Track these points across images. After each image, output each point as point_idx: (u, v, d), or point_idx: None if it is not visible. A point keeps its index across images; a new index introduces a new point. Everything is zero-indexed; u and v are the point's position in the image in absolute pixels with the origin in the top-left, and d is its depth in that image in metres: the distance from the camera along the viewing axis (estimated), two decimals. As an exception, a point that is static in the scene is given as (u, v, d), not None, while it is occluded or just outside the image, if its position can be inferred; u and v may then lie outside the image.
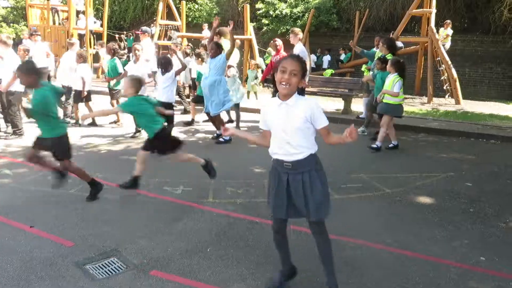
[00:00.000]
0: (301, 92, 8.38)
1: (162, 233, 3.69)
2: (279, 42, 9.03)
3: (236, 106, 8.09)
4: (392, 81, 6.76)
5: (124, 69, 7.94)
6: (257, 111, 9.57)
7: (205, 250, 3.40)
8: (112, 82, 8.29)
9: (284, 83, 2.49)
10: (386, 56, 7.62)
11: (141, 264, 3.15)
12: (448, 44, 13.53)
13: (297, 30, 8.54)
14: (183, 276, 3.01)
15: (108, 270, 3.06)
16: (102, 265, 3.12)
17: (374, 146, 6.71)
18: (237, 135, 2.97)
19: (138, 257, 3.25)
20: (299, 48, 8.36)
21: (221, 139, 7.15)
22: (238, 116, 8.17)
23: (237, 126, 8.02)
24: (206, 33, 16.68)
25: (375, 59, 7.86)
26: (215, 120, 7.17)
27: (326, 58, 18.02)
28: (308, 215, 2.64)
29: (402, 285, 3.01)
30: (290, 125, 2.55)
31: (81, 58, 8.13)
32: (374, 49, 9.00)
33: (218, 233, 3.71)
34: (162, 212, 4.14)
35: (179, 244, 3.49)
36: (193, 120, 8.74)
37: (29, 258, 3.16)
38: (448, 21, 13.73)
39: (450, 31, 13.35)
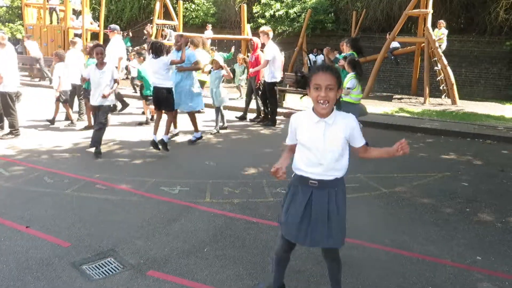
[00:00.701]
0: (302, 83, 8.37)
1: (159, 233, 3.68)
2: (255, 39, 8.99)
3: (217, 110, 7.88)
4: (349, 79, 6.57)
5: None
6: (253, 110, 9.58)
7: (202, 250, 3.40)
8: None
9: (321, 102, 2.27)
10: (350, 53, 7.41)
11: (138, 264, 3.14)
12: (444, 45, 13.55)
13: (267, 29, 8.50)
14: (180, 276, 3.01)
15: (105, 270, 3.04)
16: (99, 265, 3.11)
17: None
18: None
19: (135, 257, 3.24)
20: (271, 47, 8.37)
21: (192, 138, 7.04)
22: (217, 120, 7.89)
23: (216, 128, 7.86)
24: (209, 33, 16.68)
25: (340, 58, 7.60)
26: (193, 118, 7.06)
27: (320, 58, 18.02)
28: (326, 240, 2.40)
29: (399, 284, 3.02)
30: (327, 146, 2.32)
31: (58, 58, 8.07)
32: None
33: (215, 233, 3.71)
34: (159, 212, 4.13)
35: (176, 244, 3.48)
36: (147, 118, 8.59)
37: (25, 259, 3.14)
38: (441, 21, 13.75)
39: (444, 31, 13.38)
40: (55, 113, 8.21)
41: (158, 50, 6.30)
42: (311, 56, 18.10)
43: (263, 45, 8.67)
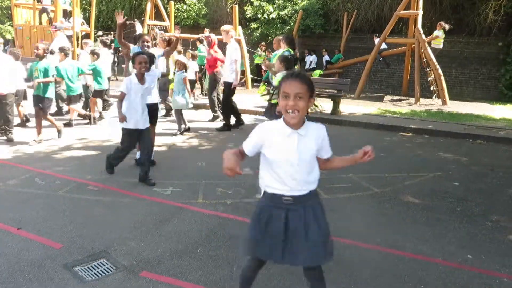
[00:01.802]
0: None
1: (152, 234, 3.67)
2: (213, 36, 8.83)
3: (177, 112, 7.76)
4: (279, 79, 6.55)
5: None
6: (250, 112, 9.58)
7: (196, 251, 3.39)
8: (35, 85, 6.73)
9: (290, 111, 2.09)
10: (286, 50, 7.30)
11: (131, 265, 3.13)
12: (440, 46, 13.57)
13: (228, 27, 8.44)
14: (173, 277, 3.00)
15: (98, 272, 3.03)
16: (92, 267, 3.09)
17: None
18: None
19: (127, 258, 3.23)
20: (233, 46, 8.30)
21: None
22: (179, 122, 7.79)
23: (179, 129, 7.77)
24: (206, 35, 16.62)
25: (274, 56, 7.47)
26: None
27: (309, 59, 18.08)
28: (305, 258, 2.23)
29: (391, 283, 3.04)
30: (302, 159, 2.16)
31: (14, 57, 7.97)
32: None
33: (208, 234, 3.71)
34: (151, 213, 4.12)
35: (169, 245, 3.47)
36: (94, 117, 8.46)
37: (16, 261, 3.12)
38: (441, 22, 13.74)
39: (439, 33, 13.47)
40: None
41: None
42: (313, 57, 18.13)
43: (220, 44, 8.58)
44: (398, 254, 3.48)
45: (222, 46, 8.62)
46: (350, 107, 11.72)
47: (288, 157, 2.15)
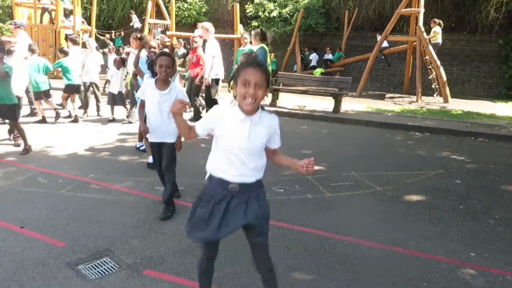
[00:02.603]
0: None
1: (155, 232, 3.68)
2: (197, 39, 8.73)
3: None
4: None
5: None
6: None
7: (198, 249, 3.36)
8: None
9: (249, 99, 2.11)
10: (260, 46, 7.30)
11: (134, 264, 3.14)
12: (439, 41, 13.56)
13: (208, 24, 8.37)
14: (177, 275, 3.01)
15: (101, 270, 3.04)
16: (95, 265, 3.10)
17: None
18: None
19: (131, 257, 3.24)
20: (212, 43, 8.21)
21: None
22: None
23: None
24: (198, 32, 16.64)
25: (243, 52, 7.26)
26: None
27: (313, 57, 18.08)
28: (255, 231, 2.27)
29: (394, 281, 3.04)
30: (251, 144, 2.18)
31: (31, 52, 8.05)
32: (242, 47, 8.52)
33: (211, 232, 3.70)
34: (154, 211, 4.12)
35: (172, 244, 3.48)
36: (43, 117, 8.37)
37: (20, 259, 3.12)
38: (435, 19, 13.81)
39: (437, 29, 13.47)
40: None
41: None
42: (314, 55, 18.11)
43: (204, 42, 8.51)
44: (400, 251, 3.48)
45: (224, 45, 8.55)
46: (352, 105, 11.71)
47: (239, 141, 2.18)
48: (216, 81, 8.39)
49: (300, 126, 8.94)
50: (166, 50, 6.86)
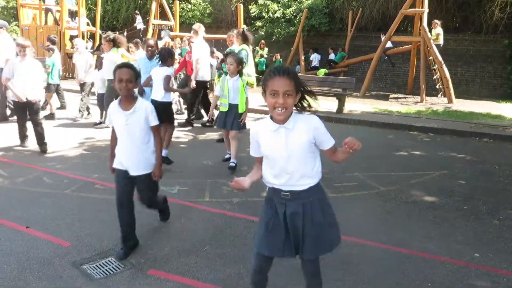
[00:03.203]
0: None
1: (159, 232, 3.70)
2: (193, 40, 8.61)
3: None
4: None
5: None
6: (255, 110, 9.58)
7: (203, 249, 3.41)
8: None
9: (279, 109, 2.07)
10: (241, 47, 7.23)
11: (138, 263, 3.15)
12: (441, 42, 13.57)
13: (196, 26, 8.29)
14: (181, 275, 3.02)
15: (106, 270, 3.05)
16: (100, 265, 3.12)
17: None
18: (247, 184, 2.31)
19: (135, 256, 3.25)
20: (197, 46, 8.13)
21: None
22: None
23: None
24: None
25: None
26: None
27: (314, 57, 18.06)
28: (302, 252, 2.25)
29: (398, 281, 3.04)
30: (292, 153, 2.15)
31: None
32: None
33: (215, 232, 3.72)
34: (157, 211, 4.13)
35: (177, 243, 3.49)
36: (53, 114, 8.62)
37: (26, 259, 3.15)
38: (436, 20, 13.78)
39: (440, 30, 13.44)
40: None
41: (164, 57, 5.64)
42: (317, 55, 18.10)
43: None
44: (404, 252, 3.48)
45: (227, 46, 8.50)
46: (356, 105, 11.71)
47: (278, 152, 2.17)
48: (202, 84, 8.24)
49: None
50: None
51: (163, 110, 5.44)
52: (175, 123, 6.42)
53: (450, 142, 7.93)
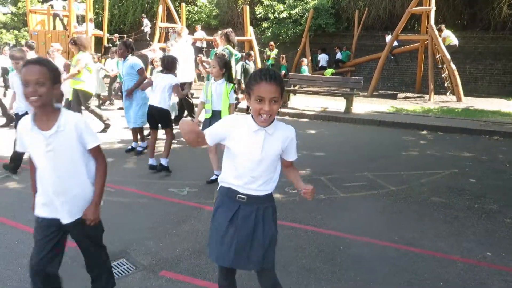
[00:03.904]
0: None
1: (170, 234, 3.72)
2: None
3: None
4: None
5: None
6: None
7: (213, 250, 3.42)
8: None
9: (265, 115, 1.99)
10: (224, 48, 7.19)
11: (150, 265, 3.18)
12: (455, 42, 13.36)
13: (178, 28, 8.36)
14: (192, 276, 3.03)
15: (118, 271, 3.08)
16: (112, 266, 3.13)
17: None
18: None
19: (146, 258, 3.28)
20: (177, 46, 8.13)
21: (138, 149, 6.45)
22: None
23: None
24: (200, 34, 16.76)
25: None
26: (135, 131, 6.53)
27: (322, 57, 18.03)
28: (248, 263, 2.15)
29: (410, 281, 3.03)
30: (265, 158, 2.09)
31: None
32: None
33: (225, 233, 3.73)
34: (168, 213, 4.16)
35: (187, 245, 3.51)
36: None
37: (39, 261, 3.18)
38: (440, 26, 13.46)
39: (446, 33, 13.30)
40: None
41: (168, 66, 5.61)
42: (324, 56, 18.08)
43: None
44: (416, 251, 3.47)
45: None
46: (363, 105, 11.67)
47: (251, 153, 2.08)
48: (182, 85, 7.99)
49: (312, 126, 8.93)
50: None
51: (160, 117, 5.51)
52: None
53: (460, 141, 7.88)
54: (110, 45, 17.61)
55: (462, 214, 4.29)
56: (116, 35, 20.05)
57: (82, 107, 7.44)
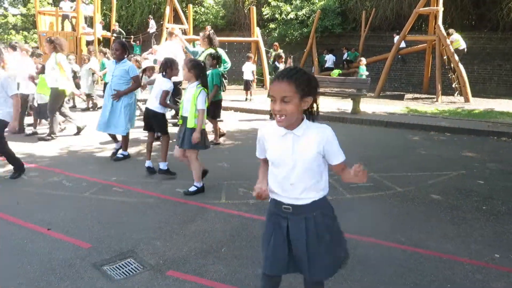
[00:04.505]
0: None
1: (177, 234, 3.74)
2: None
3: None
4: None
5: None
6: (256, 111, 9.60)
7: (220, 250, 3.44)
8: None
9: (278, 116, 1.93)
10: (206, 49, 7.19)
11: (157, 264, 3.20)
12: (463, 46, 13.27)
13: (171, 27, 8.35)
14: (199, 276, 3.05)
15: (126, 271, 3.10)
16: (119, 266, 3.17)
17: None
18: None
19: (154, 257, 3.30)
20: (164, 46, 8.08)
21: (119, 155, 6.23)
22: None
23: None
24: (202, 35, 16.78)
25: (206, 54, 6.97)
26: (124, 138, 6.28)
27: (329, 58, 18.00)
28: (307, 272, 2.12)
29: (416, 282, 3.02)
30: (297, 162, 1.99)
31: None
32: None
33: (232, 234, 3.75)
34: (175, 213, 4.19)
35: (194, 245, 3.53)
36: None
37: (48, 260, 3.22)
38: (448, 31, 13.30)
39: (455, 37, 13.19)
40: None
41: (164, 68, 5.39)
42: (331, 56, 18.06)
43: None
44: (423, 253, 3.46)
45: (241, 48, 8.54)
46: (371, 106, 11.64)
47: (283, 158, 2.02)
48: (177, 84, 7.93)
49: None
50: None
51: (155, 120, 5.39)
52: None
53: (468, 142, 7.83)
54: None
55: (470, 216, 4.27)
56: (116, 23, 19.73)
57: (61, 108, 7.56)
